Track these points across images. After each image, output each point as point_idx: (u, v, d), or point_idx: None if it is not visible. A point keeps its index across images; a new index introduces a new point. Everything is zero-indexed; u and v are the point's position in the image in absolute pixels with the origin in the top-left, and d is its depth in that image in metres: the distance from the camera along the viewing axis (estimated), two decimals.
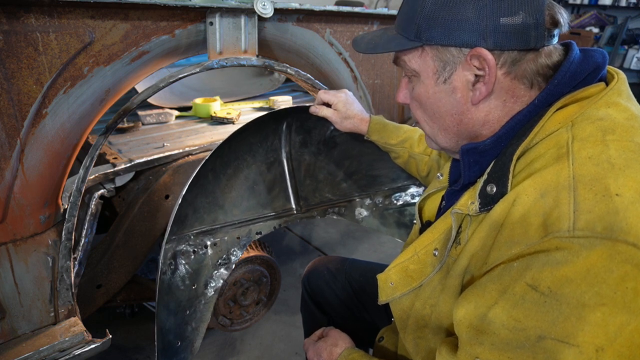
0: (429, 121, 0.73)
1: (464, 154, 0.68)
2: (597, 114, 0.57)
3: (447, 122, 0.69)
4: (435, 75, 0.66)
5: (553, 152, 0.56)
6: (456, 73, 0.64)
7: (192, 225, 1.19)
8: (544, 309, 0.49)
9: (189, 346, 1.21)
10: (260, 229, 1.34)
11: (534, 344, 0.50)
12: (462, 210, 0.63)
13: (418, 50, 0.67)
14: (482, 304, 0.56)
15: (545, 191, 0.53)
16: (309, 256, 2.32)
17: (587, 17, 5.61)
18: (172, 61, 1.08)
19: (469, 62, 0.63)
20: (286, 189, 1.37)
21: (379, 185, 1.53)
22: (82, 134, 0.96)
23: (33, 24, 0.81)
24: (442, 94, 0.67)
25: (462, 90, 0.65)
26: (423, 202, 0.88)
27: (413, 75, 0.70)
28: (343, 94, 1.17)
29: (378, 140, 1.17)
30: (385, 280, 0.78)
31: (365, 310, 1.14)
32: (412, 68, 0.69)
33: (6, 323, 0.98)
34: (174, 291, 1.17)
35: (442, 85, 0.66)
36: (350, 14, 1.30)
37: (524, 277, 0.51)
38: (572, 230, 0.48)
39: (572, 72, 0.61)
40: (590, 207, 0.49)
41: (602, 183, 0.50)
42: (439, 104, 0.68)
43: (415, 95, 0.71)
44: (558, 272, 0.48)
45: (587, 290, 0.47)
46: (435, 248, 0.69)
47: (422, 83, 0.69)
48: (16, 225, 0.93)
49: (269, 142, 1.29)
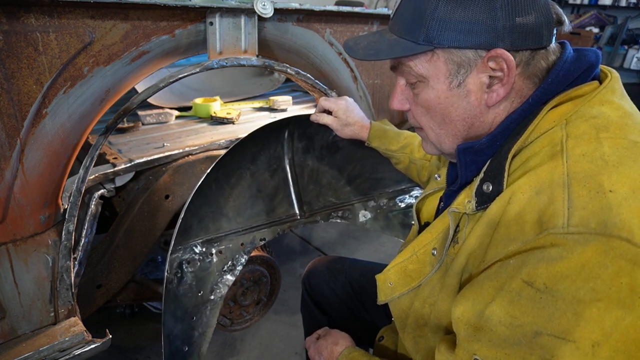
0: (436, 127, 0.71)
1: (460, 153, 0.68)
2: (591, 112, 0.58)
3: (458, 127, 0.68)
4: (448, 80, 0.64)
5: (548, 150, 0.57)
6: (471, 76, 0.63)
7: (197, 235, 1.20)
8: (540, 305, 0.50)
9: (196, 351, 1.22)
10: (264, 236, 1.34)
11: (530, 340, 0.50)
12: (459, 209, 0.64)
13: (427, 54, 0.65)
14: (480, 301, 0.56)
15: (540, 189, 0.53)
16: (309, 256, 2.32)
17: (587, 17, 5.61)
18: (172, 61, 1.08)
19: (485, 64, 0.62)
20: (289, 195, 1.38)
21: (382, 188, 1.53)
22: (82, 134, 0.96)
23: (33, 24, 0.81)
24: (455, 98, 0.65)
25: (477, 93, 0.64)
26: (421, 204, 0.88)
27: (419, 80, 0.68)
28: (343, 102, 1.18)
29: (379, 146, 1.17)
30: (384, 280, 0.78)
31: (365, 310, 1.14)
32: (420, 73, 0.66)
33: (6, 323, 0.98)
34: (181, 299, 1.18)
35: (456, 90, 0.65)
36: (350, 14, 1.30)
37: (520, 273, 0.52)
38: (567, 227, 0.49)
39: (566, 71, 0.62)
40: (584, 203, 0.49)
41: (596, 180, 0.50)
42: (451, 109, 0.66)
43: (422, 101, 0.69)
44: (553, 268, 0.49)
45: (582, 286, 0.47)
46: (433, 248, 0.70)
47: (431, 88, 0.67)
48: (16, 225, 0.93)
49: (271, 149, 1.30)
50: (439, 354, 0.64)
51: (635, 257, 0.46)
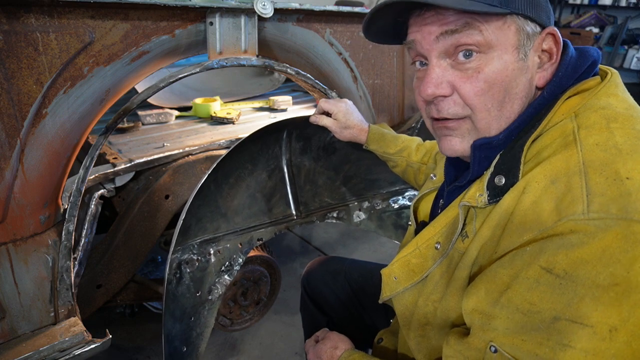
0: (495, 108, 0.62)
1: (475, 149, 0.65)
2: (599, 103, 0.59)
3: (515, 107, 0.63)
4: (517, 50, 0.60)
5: (560, 140, 0.57)
6: (532, 51, 0.62)
7: (196, 235, 1.21)
8: (559, 291, 0.50)
9: (194, 351, 1.23)
10: (262, 236, 1.35)
11: (548, 325, 0.50)
12: (471, 202, 0.63)
13: (500, 19, 0.59)
14: (494, 290, 0.56)
15: (556, 177, 0.54)
16: (309, 256, 2.32)
17: (587, 17, 5.61)
18: (172, 61, 1.08)
19: (541, 42, 0.62)
20: (286, 195, 1.38)
21: (377, 189, 1.54)
22: (82, 134, 0.96)
23: (33, 24, 0.81)
24: (519, 71, 0.61)
25: (532, 70, 0.62)
26: (418, 203, 0.89)
27: (480, 51, 0.60)
28: (343, 104, 1.18)
29: (377, 149, 1.18)
30: (389, 274, 0.79)
31: (364, 310, 1.14)
32: (489, 40, 0.59)
33: (6, 323, 0.98)
34: (179, 299, 1.18)
35: (522, 62, 0.61)
36: (350, 14, 1.30)
37: (538, 260, 0.51)
38: (587, 213, 0.49)
39: (573, 66, 0.63)
40: (603, 190, 0.50)
41: (612, 167, 0.51)
42: (514, 84, 0.61)
43: (487, 75, 0.61)
44: (573, 254, 0.49)
45: (602, 271, 0.47)
46: (437, 242, 0.70)
47: (498, 59, 0.60)
48: (16, 225, 0.93)
49: (270, 150, 1.30)
50: (447, 347, 0.64)
51: None
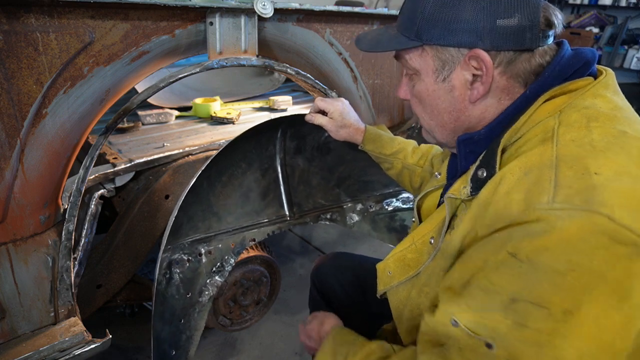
0: (427, 118, 0.77)
1: (460, 144, 0.72)
2: (584, 103, 0.61)
3: (445, 118, 0.73)
4: (434, 74, 0.70)
5: (540, 136, 0.60)
6: (455, 72, 0.68)
7: (187, 234, 1.19)
8: (520, 274, 0.52)
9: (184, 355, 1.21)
10: (254, 236, 1.34)
11: (506, 305, 0.53)
12: (455, 194, 0.67)
13: (418, 49, 0.70)
14: (465, 272, 0.59)
15: (529, 170, 0.56)
16: (309, 256, 2.32)
17: (587, 17, 5.61)
18: (172, 61, 1.08)
19: (467, 62, 0.66)
20: (280, 195, 1.37)
21: (371, 191, 1.53)
22: (82, 134, 0.96)
23: (33, 24, 0.81)
24: (441, 91, 0.71)
25: (461, 89, 0.69)
26: (421, 201, 0.90)
27: (414, 73, 0.74)
28: (340, 103, 1.18)
29: (372, 150, 1.18)
30: (384, 269, 0.82)
31: (371, 306, 1.14)
32: (413, 66, 0.73)
33: (6, 323, 0.98)
34: (169, 300, 1.16)
35: (442, 84, 0.70)
36: (350, 14, 1.30)
37: (506, 246, 0.54)
38: (552, 203, 0.51)
39: (562, 66, 0.64)
40: (570, 183, 0.52)
41: (582, 162, 0.53)
42: (438, 102, 0.72)
43: (416, 92, 0.75)
44: (537, 241, 0.51)
45: (560, 258, 0.49)
46: (431, 237, 0.73)
47: (422, 81, 0.73)
48: (16, 225, 0.93)
49: (264, 148, 1.29)
50: (423, 322, 0.66)
51: (614, 233, 0.48)
